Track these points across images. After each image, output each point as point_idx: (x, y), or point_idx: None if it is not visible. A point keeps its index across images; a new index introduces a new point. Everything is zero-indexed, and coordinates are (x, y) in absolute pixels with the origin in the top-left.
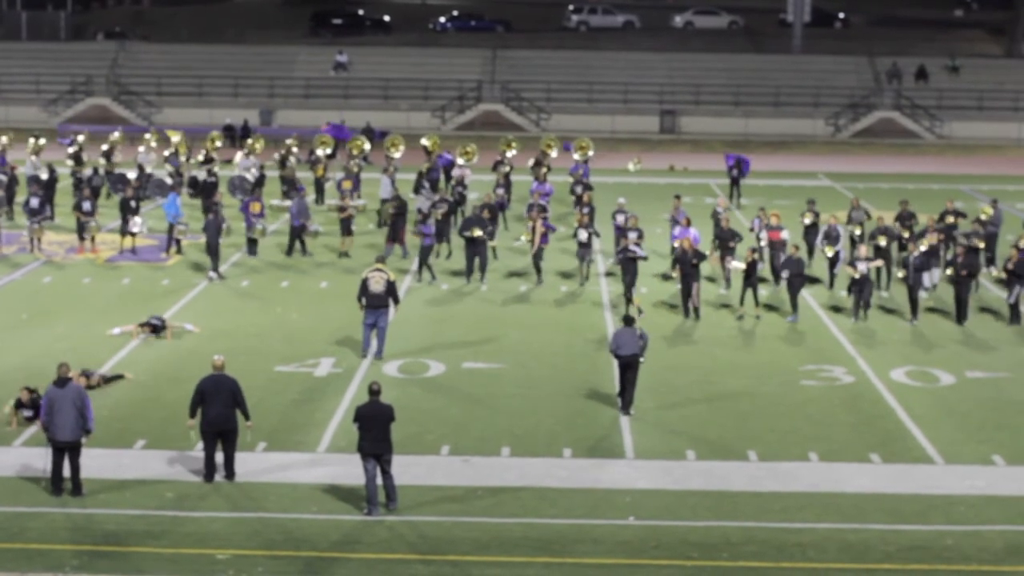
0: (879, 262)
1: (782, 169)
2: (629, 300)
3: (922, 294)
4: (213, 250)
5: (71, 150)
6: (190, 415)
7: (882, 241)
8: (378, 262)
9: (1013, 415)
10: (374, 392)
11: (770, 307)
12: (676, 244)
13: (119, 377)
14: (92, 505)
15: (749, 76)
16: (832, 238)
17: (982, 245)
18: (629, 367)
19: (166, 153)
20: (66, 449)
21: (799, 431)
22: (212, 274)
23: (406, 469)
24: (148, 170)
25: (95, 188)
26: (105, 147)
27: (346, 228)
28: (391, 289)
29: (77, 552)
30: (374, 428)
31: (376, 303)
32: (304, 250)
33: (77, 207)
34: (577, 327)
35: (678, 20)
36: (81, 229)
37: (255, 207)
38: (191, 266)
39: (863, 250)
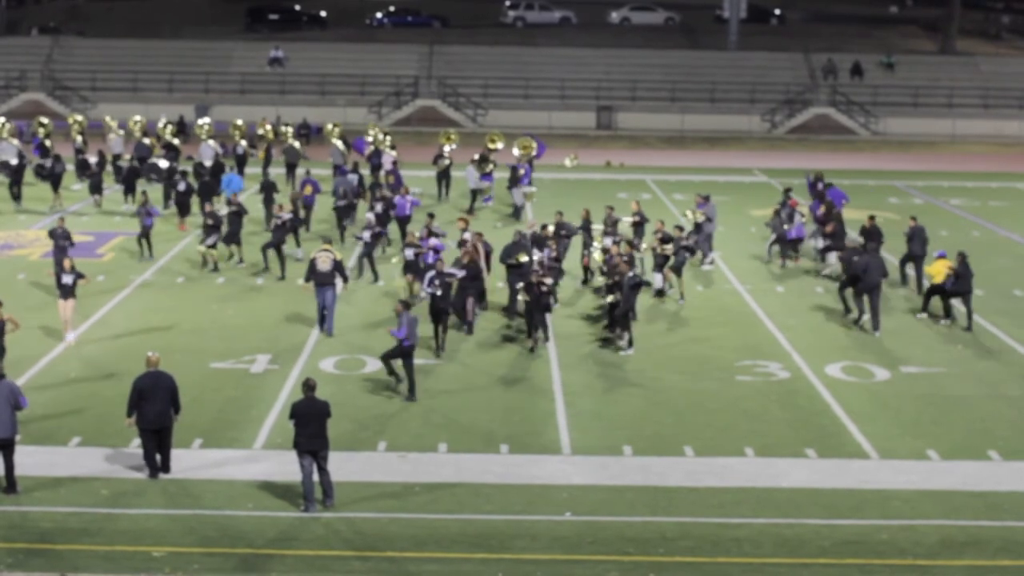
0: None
1: (718, 165)
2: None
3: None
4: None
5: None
6: (128, 414)
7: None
8: (325, 243)
9: (948, 410)
10: (310, 388)
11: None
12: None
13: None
14: (27, 503)
15: (685, 72)
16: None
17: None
18: (409, 355)
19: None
20: (0, 447)
21: (735, 426)
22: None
23: (342, 465)
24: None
25: (54, 174)
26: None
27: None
28: (339, 267)
29: (11, 550)
30: (310, 424)
31: (323, 280)
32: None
33: (174, 188)
34: (511, 324)
35: (614, 16)
36: (181, 209)
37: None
38: (127, 262)
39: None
